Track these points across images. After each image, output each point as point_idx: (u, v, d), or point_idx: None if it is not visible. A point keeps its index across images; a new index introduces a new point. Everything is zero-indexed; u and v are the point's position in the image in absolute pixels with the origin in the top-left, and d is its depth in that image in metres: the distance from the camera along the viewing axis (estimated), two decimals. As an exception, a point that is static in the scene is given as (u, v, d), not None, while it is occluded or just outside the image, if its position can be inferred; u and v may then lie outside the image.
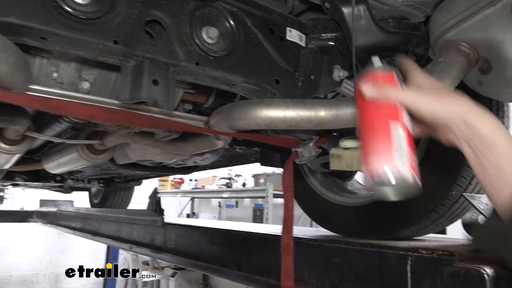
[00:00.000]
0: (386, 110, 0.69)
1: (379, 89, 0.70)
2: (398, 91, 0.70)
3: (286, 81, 1.04)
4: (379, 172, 0.65)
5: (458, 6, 0.89)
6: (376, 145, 0.66)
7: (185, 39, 0.89)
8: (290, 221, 1.07)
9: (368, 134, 0.69)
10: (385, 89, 0.70)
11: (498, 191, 0.62)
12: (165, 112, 0.97)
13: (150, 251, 2.54)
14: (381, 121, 0.68)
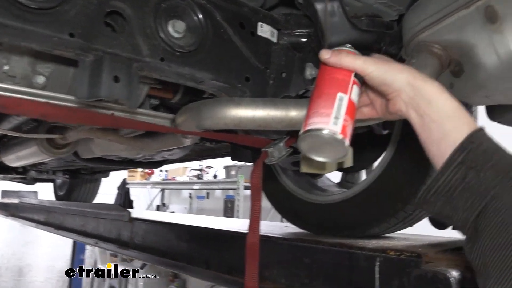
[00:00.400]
0: (338, 77, 0.72)
1: (335, 55, 0.73)
2: (352, 57, 0.72)
3: (256, 79, 1.01)
4: (312, 126, 0.68)
5: (432, 7, 0.88)
6: (318, 108, 0.70)
7: (149, 33, 0.84)
8: (257, 221, 1.04)
9: (315, 98, 0.73)
10: (340, 55, 0.72)
11: (442, 152, 0.63)
12: (128, 110, 0.92)
13: (116, 247, 2.47)
14: (330, 88, 0.71)
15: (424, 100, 0.65)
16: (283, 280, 1.42)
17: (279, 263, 1.45)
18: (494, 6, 0.78)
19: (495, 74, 0.81)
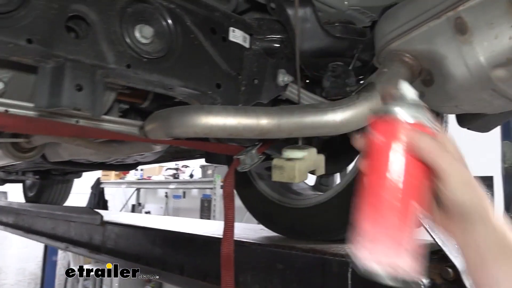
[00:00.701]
0: (416, 177, 0.52)
1: (408, 138, 0.53)
2: (445, 157, 0.53)
3: (228, 85, 0.98)
4: (379, 267, 0.51)
5: (403, 16, 0.87)
6: (384, 230, 0.50)
7: (114, 39, 0.80)
8: (231, 230, 1.02)
9: (376, 209, 0.52)
10: (417, 141, 0.53)
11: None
12: (92, 119, 0.88)
13: (87, 251, 2.40)
14: (401, 197, 0.51)
15: (485, 240, 0.54)
16: (257, 286, 1.41)
17: (253, 269, 1.44)
18: (463, 18, 0.78)
19: (465, 86, 0.81)
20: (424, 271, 0.55)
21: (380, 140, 0.54)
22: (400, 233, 0.50)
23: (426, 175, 0.54)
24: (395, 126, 0.53)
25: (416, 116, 0.53)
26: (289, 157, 0.93)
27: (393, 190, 0.52)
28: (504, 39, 0.74)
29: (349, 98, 0.85)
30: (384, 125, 0.54)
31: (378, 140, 0.54)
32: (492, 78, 0.78)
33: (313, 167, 0.97)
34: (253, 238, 1.58)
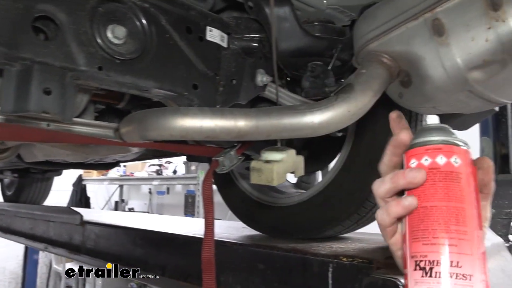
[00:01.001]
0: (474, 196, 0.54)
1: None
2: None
3: (205, 86, 0.96)
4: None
5: (382, 17, 0.87)
6: (459, 247, 0.50)
7: (85, 40, 0.77)
8: (211, 234, 1.01)
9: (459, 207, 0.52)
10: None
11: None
12: (64, 123, 0.85)
13: (67, 252, 2.36)
14: (471, 204, 0.52)
15: None
16: (238, 286, 1.40)
17: (235, 269, 1.43)
18: (441, 19, 0.77)
19: (442, 87, 0.81)
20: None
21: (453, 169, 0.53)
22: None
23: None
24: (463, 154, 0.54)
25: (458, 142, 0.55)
26: (267, 159, 0.92)
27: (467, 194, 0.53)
28: (481, 41, 0.73)
29: (327, 99, 0.84)
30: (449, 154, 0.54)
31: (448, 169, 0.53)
32: (469, 80, 0.78)
33: (292, 168, 0.96)
34: (234, 238, 1.56)
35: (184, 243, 1.67)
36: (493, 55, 0.74)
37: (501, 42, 0.72)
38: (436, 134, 0.55)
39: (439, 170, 0.53)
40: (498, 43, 0.72)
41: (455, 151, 0.54)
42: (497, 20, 0.71)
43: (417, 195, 0.54)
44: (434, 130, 0.56)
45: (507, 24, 0.71)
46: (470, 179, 0.54)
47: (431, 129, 0.57)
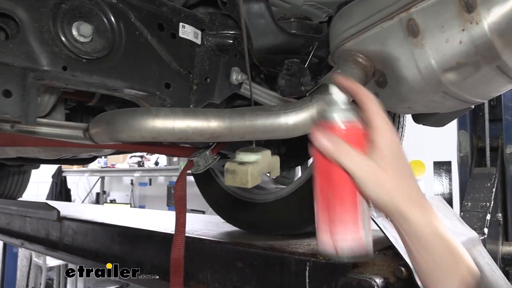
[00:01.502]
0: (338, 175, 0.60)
1: (334, 149, 0.58)
2: (352, 159, 0.58)
3: (178, 85, 0.93)
4: (342, 247, 0.58)
5: (357, 16, 0.85)
6: (341, 215, 0.59)
7: (48, 38, 0.74)
8: (182, 236, 0.99)
9: (337, 202, 0.60)
10: (339, 151, 0.58)
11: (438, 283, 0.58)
12: (27, 126, 0.81)
13: (44, 249, 2.32)
14: (347, 188, 0.59)
15: (411, 233, 0.58)
16: (216, 284, 1.39)
17: (213, 266, 1.42)
18: (415, 20, 0.76)
19: (416, 88, 0.80)
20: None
21: (320, 145, 0.61)
22: (346, 220, 0.59)
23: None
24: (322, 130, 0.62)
25: (344, 117, 0.61)
26: (242, 160, 0.90)
27: (331, 187, 0.60)
28: (455, 43, 0.73)
29: (302, 100, 0.83)
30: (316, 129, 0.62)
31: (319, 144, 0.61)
32: (443, 82, 0.78)
33: (267, 169, 0.94)
34: (213, 235, 1.55)
35: (163, 240, 1.65)
36: (466, 57, 0.73)
37: (474, 44, 0.71)
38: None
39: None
40: (471, 45, 0.71)
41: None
42: (471, 22, 0.71)
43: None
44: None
45: (480, 26, 0.70)
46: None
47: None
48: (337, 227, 0.59)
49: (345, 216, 0.59)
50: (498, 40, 0.70)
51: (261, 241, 1.38)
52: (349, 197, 0.59)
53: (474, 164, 2.20)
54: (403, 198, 0.58)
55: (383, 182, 0.58)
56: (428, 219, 0.57)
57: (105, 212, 2.70)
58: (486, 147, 2.14)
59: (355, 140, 0.60)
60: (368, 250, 0.60)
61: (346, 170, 0.58)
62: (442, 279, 0.58)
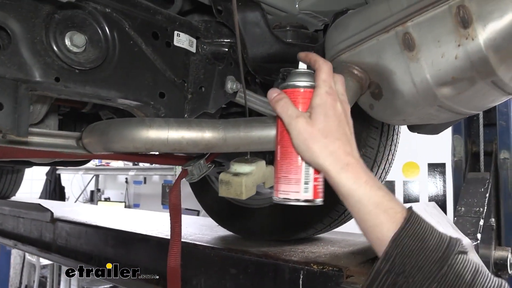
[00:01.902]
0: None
1: (279, 107, 0.65)
2: (288, 111, 0.64)
3: (172, 94, 0.93)
4: (286, 197, 0.67)
5: (353, 27, 0.85)
6: (287, 174, 0.67)
7: (40, 49, 0.73)
8: (178, 244, 0.98)
9: (282, 158, 0.68)
10: (282, 109, 0.65)
11: (380, 241, 0.60)
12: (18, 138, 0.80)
13: (37, 250, 2.30)
14: (293, 152, 0.66)
15: (340, 193, 0.62)
16: (210, 290, 1.39)
17: (207, 272, 1.41)
18: (411, 33, 0.76)
19: (412, 102, 0.80)
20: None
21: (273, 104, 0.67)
22: (291, 176, 0.66)
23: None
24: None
25: (302, 83, 0.67)
26: (236, 171, 0.90)
27: (281, 147, 0.68)
28: (450, 58, 0.73)
29: (296, 112, 0.82)
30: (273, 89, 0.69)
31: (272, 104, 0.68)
32: (438, 96, 0.78)
33: (262, 180, 0.94)
34: (207, 240, 1.55)
35: (157, 244, 1.64)
36: (462, 73, 0.73)
37: (470, 60, 0.71)
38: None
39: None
40: (467, 61, 0.71)
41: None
42: (466, 37, 0.70)
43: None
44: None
45: (476, 42, 0.70)
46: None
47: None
48: (281, 184, 0.67)
49: (289, 176, 0.66)
50: (493, 56, 0.70)
51: (255, 247, 1.38)
52: (294, 162, 0.66)
53: (468, 168, 2.21)
54: (326, 158, 0.61)
55: (309, 139, 0.62)
56: (350, 179, 0.60)
57: (99, 213, 2.69)
58: (480, 151, 2.15)
59: (305, 101, 0.66)
60: (309, 201, 0.66)
61: (283, 122, 0.65)
62: (369, 231, 0.61)
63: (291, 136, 0.64)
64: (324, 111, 0.63)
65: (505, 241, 2.06)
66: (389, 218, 0.59)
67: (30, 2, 0.71)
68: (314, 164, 0.63)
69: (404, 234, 0.57)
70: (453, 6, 0.71)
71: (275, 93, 0.67)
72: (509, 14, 0.67)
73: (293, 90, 0.67)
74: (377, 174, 1.41)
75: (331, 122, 0.63)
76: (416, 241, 0.57)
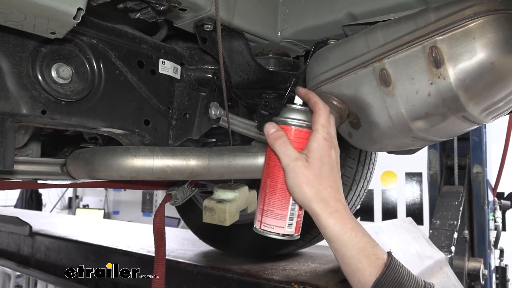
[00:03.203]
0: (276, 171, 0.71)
1: (277, 145, 0.67)
2: (285, 149, 0.66)
3: (157, 121, 0.94)
4: (269, 230, 0.69)
5: (333, 60, 0.88)
6: (274, 209, 0.69)
7: (26, 83, 0.73)
8: (162, 268, 1.00)
9: (269, 192, 0.70)
10: (281, 148, 0.66)
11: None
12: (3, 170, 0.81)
13: (15, 264, 2.26)
14: (283, 183, 0.68)
15: (328, 238, 0.66)
16: (192, 307, 1.40)
17: (189, 290, 1.43)
18: (388, 70, 0.80)
19: (388, 134, 0.84)
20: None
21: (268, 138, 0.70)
22: (277, 211, 0.69)
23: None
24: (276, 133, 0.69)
25: (298, 121, 0.69)
26: (220, 198, 0.92)
27: (271, 181, 0.70)
28: (424, 95, 0.77)
29: (279, 143, 0.85)
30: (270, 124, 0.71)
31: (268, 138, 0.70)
32: (413, 129, 0.82)
33: (245, 205, 0.97)
34: (189, 257, 1.56)
35: (139, 260, 1.64)
36: (434, 109, 0.77)
37: (442, 98, 0.75)
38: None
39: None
40: (439, 98, 0.76)
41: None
42: (438, 76, 0.75)
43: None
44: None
45: (447, 81, 0.74)
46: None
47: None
48: (267, 216, 0.69)
49: (275, 210, 0.69)
50: (463, 94, 0.74)
51: (237, 264, 1.40)
52: (282, 197, 0.69)
53: (443, 182, 2.29)
54: (318, 202, 0.65)
55: (304, 183, 0.65)
56: (338, 225, 0.64)
57: (79, 226, 2.65)
58: (454, 165, 2.23)
59: (300, 140, 0.69)
60: (290, 237, 0.70)
61: (279, 159, 0.67)
62: (351, 274, 0.65)
63: (287, 176, 0.66)
64: (321, 157, 0.66)
65: (478, 252, 2.14)
66: (371, 263, 0.63)
67: (16, 37, 0.72)
68: (305, 206, 0.66)
69: (385, 280, 0.62)
70: (427, 47, 0.76)
71: (273, 128, 0.68)
72: (477, 57, 0.72)
73: (290, 128, 0.69)
74: (356, 191, 1.45)
75: (325, 169, 0.66)
76: (396, 286, 0.62)
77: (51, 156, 1.27)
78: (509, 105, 0.85)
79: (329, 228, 0.64)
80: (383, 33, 0.81)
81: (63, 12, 0.61)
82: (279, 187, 0.68)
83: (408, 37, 0.78)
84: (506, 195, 3.99)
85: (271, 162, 0.70)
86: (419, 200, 4.11)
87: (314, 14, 0.97)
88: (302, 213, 0.70)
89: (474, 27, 0.72)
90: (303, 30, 1.01)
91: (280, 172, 0.68)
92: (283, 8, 1.03)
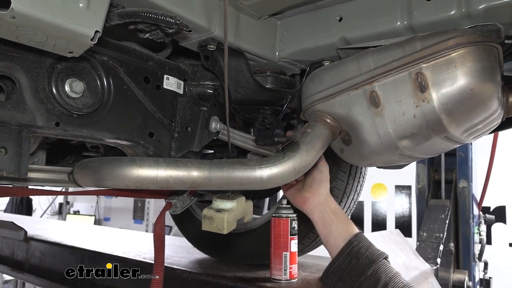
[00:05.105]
0: (281, 240, 1.31)
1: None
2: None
3: (161, 134, 1.00)
4: (274, 277, 1.31)
5: (327, 81, 0.95)
6: (275, 260, 1.31)
7: (42, 97, 0.79)
8: (161, 275, 1.04)
9: (274, 253, 1.32)
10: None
11: (338, 244, 0.97)
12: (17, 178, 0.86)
13: (9, 269, 2.28)
14: (279, 249, 1.31)
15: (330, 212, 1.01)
16: (186, 313, 1.44)
17: (184, 297, 1.47)
18: (377, 92, 0.87)
19: (377, 151, 0.91)
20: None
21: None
22: (280, 265, 1.28)
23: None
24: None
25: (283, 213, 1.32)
26: (218, 207, 0.98)
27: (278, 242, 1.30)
28: (410, 116, 0.84)
29: (275, 157, 0.91)
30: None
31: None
32: (399, 147, 0.88)
33: (242, 215, 1.02)
34: (184, 264, 1.61)
35: (135, 266, 1.68)
36: (419, 129, 0.84)
37: (426, 120, 0.82)
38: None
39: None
40: (423, 120, 0.83)
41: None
42: (423, 100, 0.82)
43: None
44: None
45: (431, 104, 0.81)
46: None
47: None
48: (272, 264, 1.30)
49: (276, 261, 1.29)
50: (445, 117, 0.81)
51: (231, 272, 1.45)
52: (279, 253, 1.30)
53: (430, 196, 2.36)
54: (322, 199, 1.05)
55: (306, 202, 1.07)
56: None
57: (72, 231, 2.68)
58: (441, 180, 2.30)
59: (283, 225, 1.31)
60: (287, 281, 1.29)
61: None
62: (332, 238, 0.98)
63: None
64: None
65: (463, 264, 2.21)
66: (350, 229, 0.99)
67: (35, 54, 0.78)
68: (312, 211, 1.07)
69: (361, 235, 0.96)
70: (413, 72, 0.83)
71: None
72: (458, 84, 0.79)
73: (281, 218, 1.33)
74: (346, 203, 1.51)
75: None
76: (366, 241, 0.95)
77: (55, 164, 1.32)
78: (488, 126, 0.92)
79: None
80: (374, 58, 0.88)
81: (82, 34, 0.67)
82: (277, 251, 1.31)
83: (397, 63, 0.85)
84: (492, 209, 4.09)
85: (274, 234, 1.34)
86: (408, 212, 4.18)
87: (310, 37, 1.04)
88: (294, 263, 1.32)
89: (456, 57, 0.79)
90: (300, 51, 1.07)
91: (280, 240, 1.33)
92: (282, 30, 1.10)
